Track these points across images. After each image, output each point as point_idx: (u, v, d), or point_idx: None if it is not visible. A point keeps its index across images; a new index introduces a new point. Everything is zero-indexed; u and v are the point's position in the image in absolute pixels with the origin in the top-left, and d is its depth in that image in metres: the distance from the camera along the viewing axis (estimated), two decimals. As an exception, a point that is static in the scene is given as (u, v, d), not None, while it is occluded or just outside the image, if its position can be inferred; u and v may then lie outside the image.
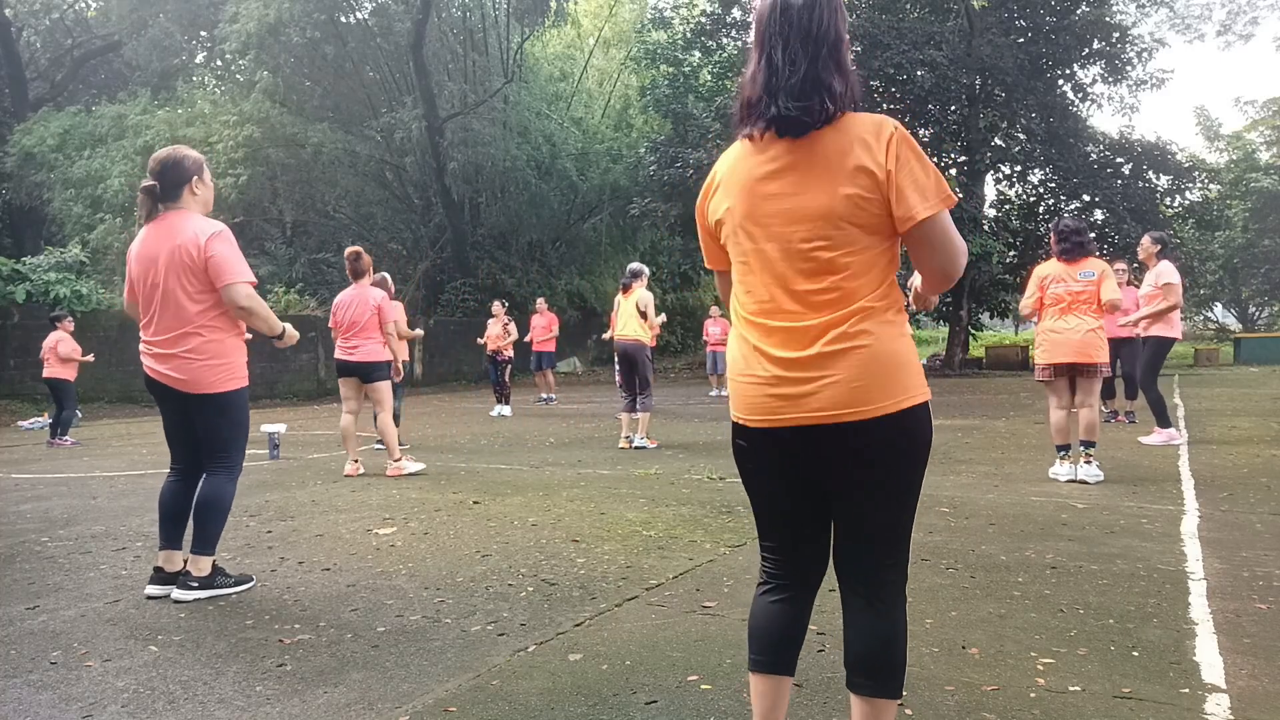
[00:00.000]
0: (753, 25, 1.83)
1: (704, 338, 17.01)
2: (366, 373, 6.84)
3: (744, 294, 1.86)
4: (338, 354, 6.96)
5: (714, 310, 16.86)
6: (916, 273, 1.95)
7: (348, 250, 7.13)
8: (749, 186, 1.80)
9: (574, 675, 2.68)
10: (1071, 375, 6.05)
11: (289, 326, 3.88)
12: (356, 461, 7.01)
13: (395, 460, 6.93)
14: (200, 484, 3.69)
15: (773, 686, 1.90)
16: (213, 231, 3.57)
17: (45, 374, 10.21)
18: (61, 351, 10.13)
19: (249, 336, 3.86)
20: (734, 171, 1.84)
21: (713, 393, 15.71)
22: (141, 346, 3.71)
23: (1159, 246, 7.76)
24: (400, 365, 7.38)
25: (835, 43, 1.76)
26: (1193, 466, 6.49)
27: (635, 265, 8.84)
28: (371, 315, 6.83)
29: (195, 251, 3.52)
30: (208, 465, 3.69)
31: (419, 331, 9.35)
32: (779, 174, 1.77)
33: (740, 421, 1.87)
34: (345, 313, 6.87)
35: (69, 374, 10.20)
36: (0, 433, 12.01)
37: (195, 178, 3.67)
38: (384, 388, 6.91)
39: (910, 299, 1.88)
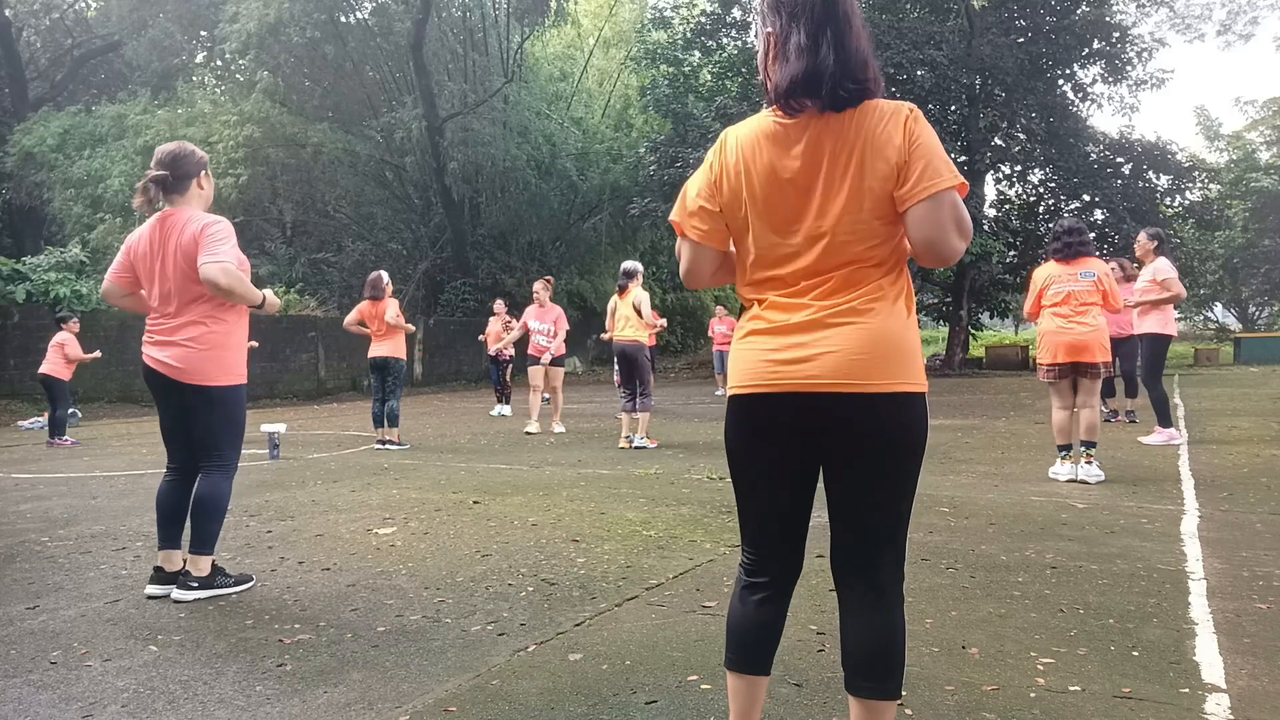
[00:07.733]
0: (780, 3, 1.79)
1: (709, 334, 16.99)
2: (554, 362, 10.34)
3: (757, 271, 1.85)
4: (532, 351, 10.17)
5: (719, 310, 16.81)
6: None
7: (537, 282, 10.64)
8: (774, 174, 1.79)
9: (574, 675, 2.68)
10: (1074, 375, 6.06)
11: (269, 293, 3.83)
12: (536, 422, 10.16)
13: (556, 419, 10.33)
14: (196, 483, 3.68)
15: (749, 685, 1.89)
16: (210, 220, 3.59)
17: (41, 370, 10.15)
18: (70, 354, 10.10)
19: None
20: (757, 156, 1.81)
21: (719, 392, 15.64)
22: (145, 336, 3.71)
23: (1155, 243, 7.76)
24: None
25: (860, 27, 1.78)
26: (1193, 466, 6.49)
27: (630, 265, 8.74)
28: (552, 326, 10.16)
29: (196, 244, 3.53)
30: (203, 464, 3.68)
31: (410, 325, 9.82)
32: (806, 165, 1.76)
33: (737, 392, 1.85)
34: (539, 325, 10.25)
35: (64, 372, 10.15)
36: (0, 433, 12.01)
37: (202, 172, 3.71)
38: (562, 372, 10.45)
39: None
